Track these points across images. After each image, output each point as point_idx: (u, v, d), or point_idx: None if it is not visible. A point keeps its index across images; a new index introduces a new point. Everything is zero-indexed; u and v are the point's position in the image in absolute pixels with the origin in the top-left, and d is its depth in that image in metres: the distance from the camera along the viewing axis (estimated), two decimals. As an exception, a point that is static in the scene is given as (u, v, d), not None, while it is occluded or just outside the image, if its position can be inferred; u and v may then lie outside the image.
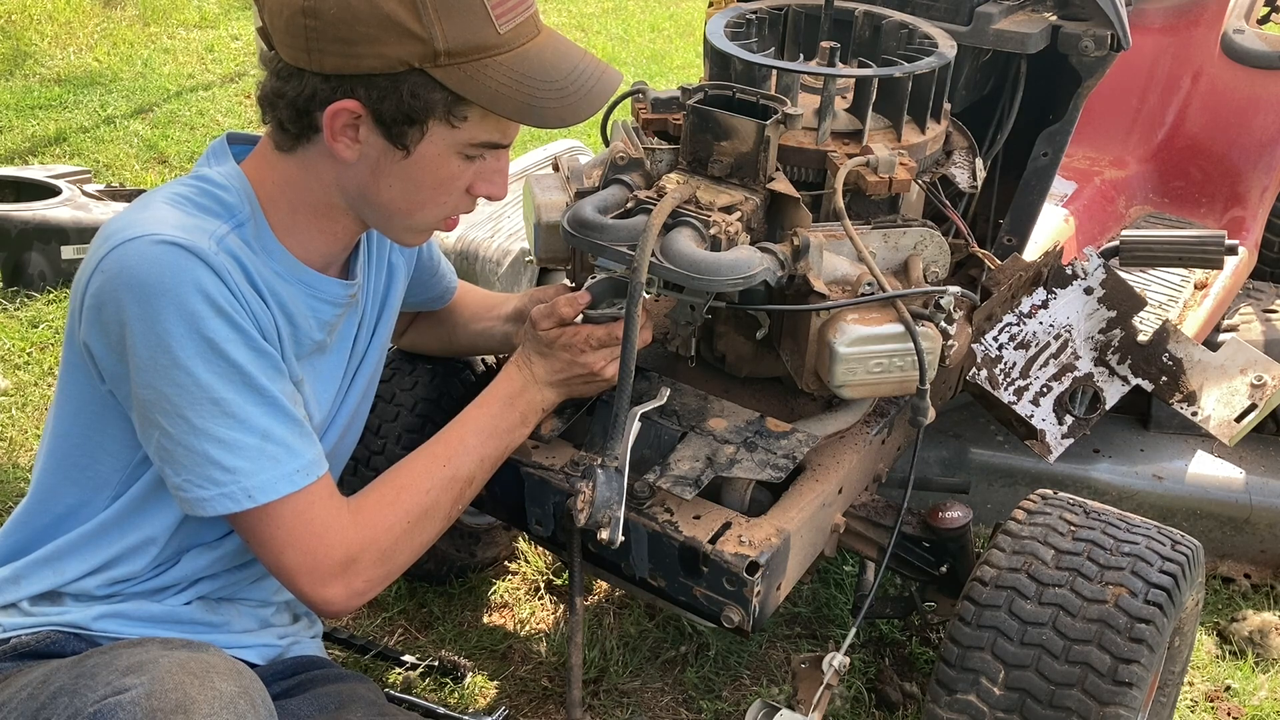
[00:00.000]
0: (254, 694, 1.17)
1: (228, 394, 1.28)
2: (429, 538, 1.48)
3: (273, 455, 1.31)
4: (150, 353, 1.25)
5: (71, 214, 3.29)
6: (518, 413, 1.56)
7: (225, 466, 1.29)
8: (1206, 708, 2.19)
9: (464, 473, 1.50)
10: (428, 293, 1.87)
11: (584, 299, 1.56)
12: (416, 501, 1.45)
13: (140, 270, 1.24)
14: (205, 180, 1.39)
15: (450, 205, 1.44)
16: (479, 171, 1.41)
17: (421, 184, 1.38)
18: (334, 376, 1.57)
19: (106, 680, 1.13)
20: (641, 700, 2.13)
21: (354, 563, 1.38)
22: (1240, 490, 2.46)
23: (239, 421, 1.29)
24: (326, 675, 1.55)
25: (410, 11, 1.25)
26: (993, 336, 1.99)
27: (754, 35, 1.91)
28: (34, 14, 5.60)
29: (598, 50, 6.30)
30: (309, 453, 1.36)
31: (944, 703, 1.56)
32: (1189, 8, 3.19)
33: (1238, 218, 3.14)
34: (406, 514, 1.43)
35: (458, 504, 1.50)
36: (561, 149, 3.42)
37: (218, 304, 1.27)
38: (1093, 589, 1.55)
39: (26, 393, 2.88)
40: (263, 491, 1.31)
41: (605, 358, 1.56)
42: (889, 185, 1.62)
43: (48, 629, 1.38)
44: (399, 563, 1.44)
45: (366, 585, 1.40)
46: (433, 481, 1.47)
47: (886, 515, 1.82)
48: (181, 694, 1.10)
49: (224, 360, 1.28)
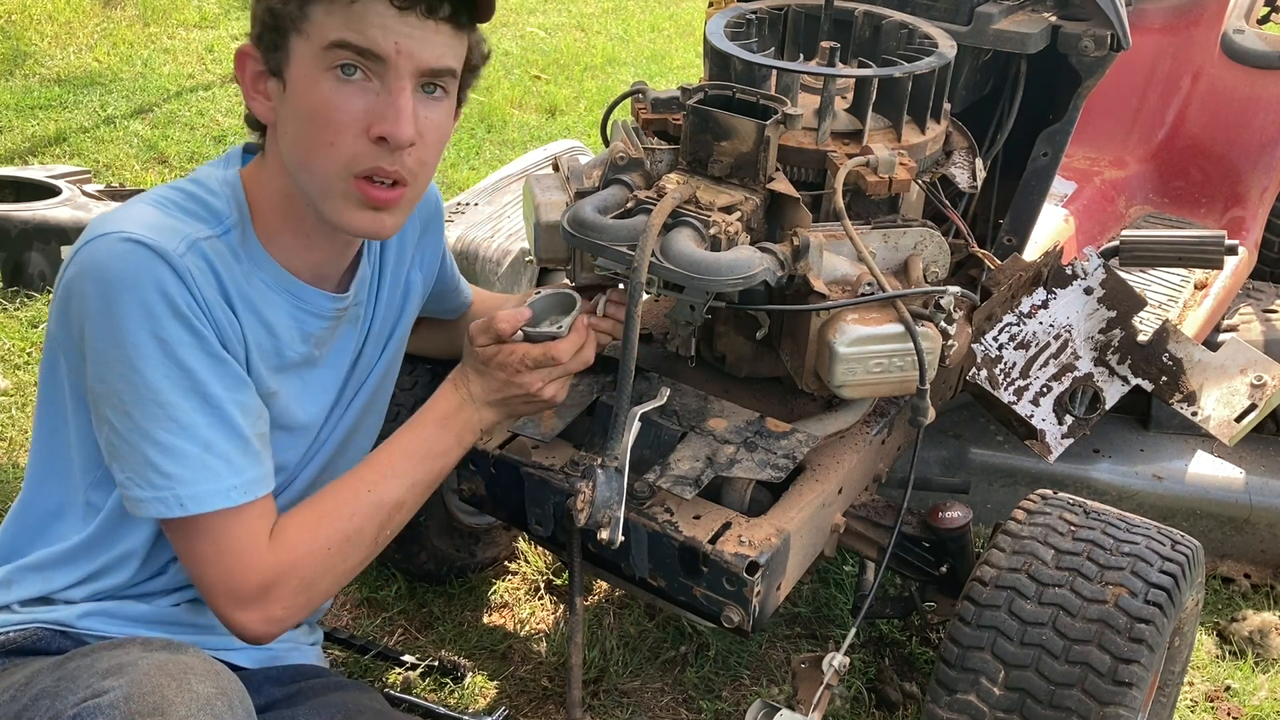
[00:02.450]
0: (232, 695, 1.16)
1: (174, 398, 1.26)
2: (354, 564, 1.41)
3: (212, 468, 1.29)
4: (105, 347, 1.25)
5: (71, 214, 3.29)
6: (452, 434, 1.49)
7: (163, 471, 1.27)
8: (1206, 708, 2.19)
9: (390, 498, 1.43)
10: (442, 305, 1.87)
11: (523, 315, 1.48)
12: (338, 528, 1.38)
13: (105, 265, 1.25)
14: (198, 184, 1.39)
15: (344, 148, 1.30)
16: (372, 108, 1.29)
17: (302, 118, 1.30)
18: (328, 390, 1.55)
19: (86, 683, 1.13)
20: (641, 700, 2.13)
21: (271, 589, 1.33)
22: (1240, 490, 2.45)
23: (182, 428, 1.27)
24: (328, 684, 1.55)
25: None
26: (993, 336, 1.99)
27: (754, 35, 1.91)
28: (34, 14, 5.60)
29: (597, 50, 6.30)
30: (251, 471, 1.33)
31: (944, 703, 1.56)
32: (1189, 8, 3.19)
33: (1238, 218, 3.14)
34: (328, 540, 1.37)
35: (385, 529, 1.44)
36: (561, 149, 3.42)
37: (176, 306, 1.26)
38: (1093, 589, 1.55)
39: (26, 393, 2.88)
40: (196, 502, 1.28)
41: (543, 378, 1.48)
42: (889, 185, 1.62)
43: (34, 626, 1.39)
44: (321, 589, 1.38)
45: (285, 613, 1.35)
46: (356, 507, 1.40)
47: (886, 515, 1.82)
48: (159, 696, 1.10)
49: (175, 363, 1.26)
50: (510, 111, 5.26)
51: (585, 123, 5.21)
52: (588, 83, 5.77)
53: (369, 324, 1.60)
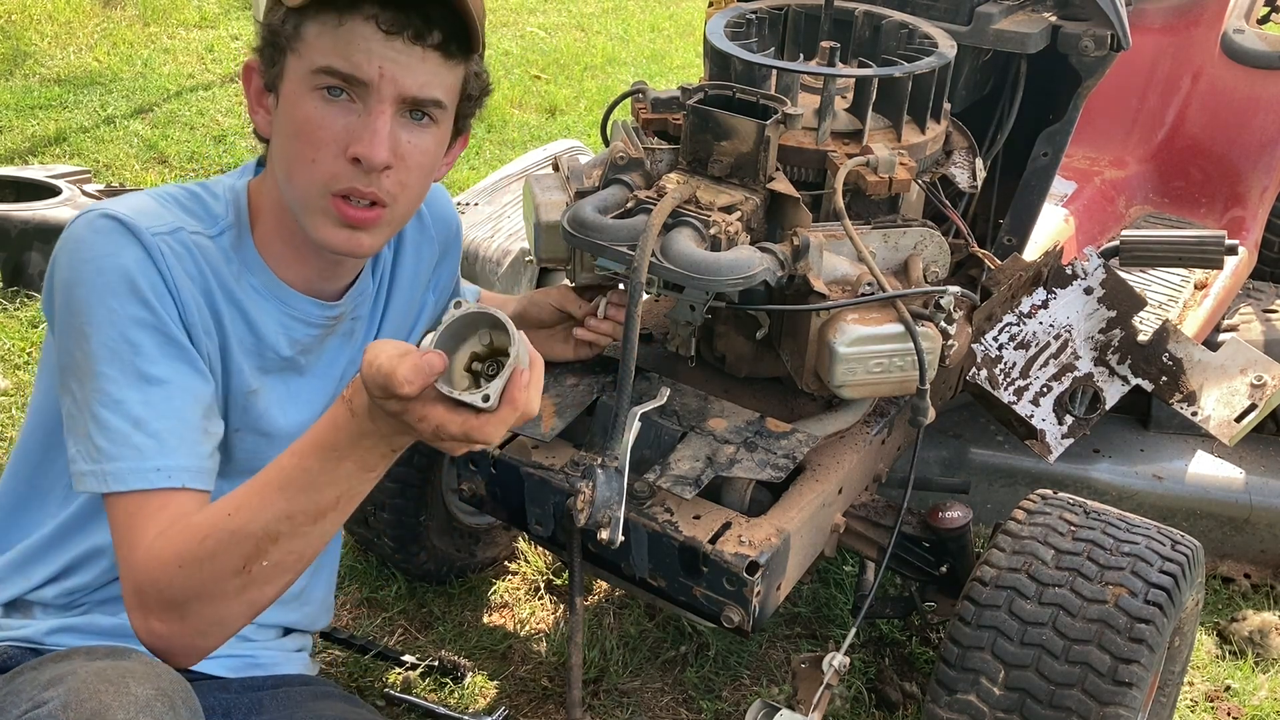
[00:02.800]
0: (174, 695, 1.14)
1: (112, 370, 1.24)
2: (222, 591, 1.20)
3: (138, 446, 1.23)
4: (65, 315, 1.27)
5: (71, 214, 3.28)
6: (349, 462, 1.18)
7: (96, 444, 1.24)
8: (1206, 708, 2.19)
9: (256, 529, 1.18)
10: None
11: (437, 366, 1.07)
12: (189, 547, 1.20)
13: (79, 237, 1.27)
14: (204, 188, 1.41)
15: (323, 166, 1.29)
16: (351, 129, 1.28)
17: (287, 133, 1.31)
18: (313, 402, 1.53)
19: (29, 695, 1.13)
20: (641, 700, 2.13)
21: (142, 595, 1.21)
22: (1240, 490, 2.46)
23: (115, 402, 1.24)
24: (314, 693, 1.55)
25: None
26: (993, 336, 1.99)
27: (754, 35, 1.91)
28: (34, 14, 5.60)
29: (597, 50, 6.30)
30: (184, 458, 1.25)
31: (944, 703, 1.56)
32: (1189, 8, 3.19)
33: (1238, 218, 3.14)
34: (178, 556, 1.20)
35: (259, 560, 1.19)
36: (561, 149, 3.42)
37: (135, 281, 1.26)
38: (1093, 589, 1.55)
39: (26, 393, 2.88)
40: (116, 479, 1.23)
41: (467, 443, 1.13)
42: (889, 185, 1.62)
43: (5, 644, 1.40)
44: (192, 611, 1.20)
45: (164, 628, 1.21)
46: (211, 529, 1.20)
47: (886, 515, 1.82)
48: (96, 702, 1.09)
49: (120, 336, 1.25)
50: (510, 111, 5.26)
51: (585, 123, 5.21)
52: (588, 83, 5.77)
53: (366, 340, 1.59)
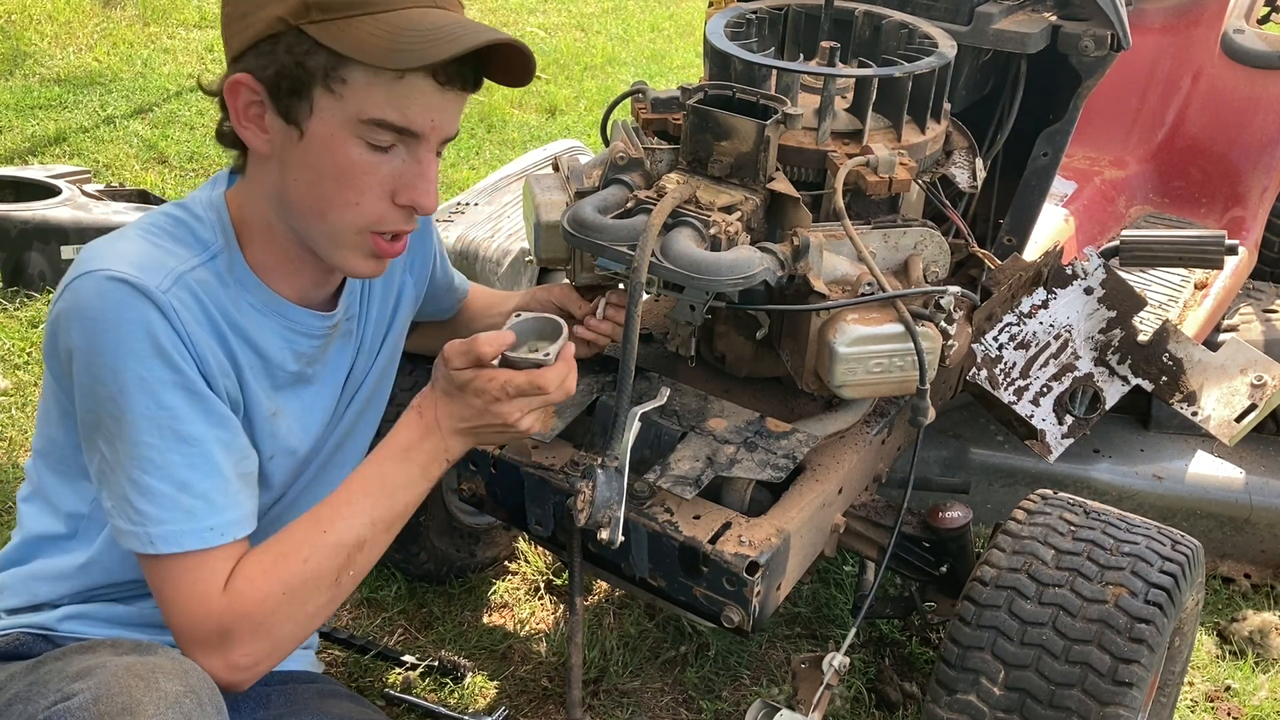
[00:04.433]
0: (201, 693, 1.16)
1: (151, 438, 1.25)
2: (316, 607, 1.33)
3: (188, 508, 1.26)
4: (90, 383, 1.26)
5: (71, 214, 3.29)
6: (416, 466, 1.38)
7: (137, 508, 1.26)
8: (1206, 708, 2.20)
9: (350, 538, 1.33)
10: (440, 303, 1.87)
11: (506, 339, 1.37)
12: (294, 571, 1.30)
13: (88, 304, 1.25)
14: (185, 210, 1.38)
15: (368, 209, 1.32)
16: (397, 173, 1.31)
17: (322, 172, 1.30)
18: (323, 407, 1.54)
19: (57, 686, 1.14)
20: (641, 700, 2.13)
21: (228, 636, 1.27)
22: (1240, 490, 2.46)
23: (157, 468, 1.26)
24: (321, 690, 1.55)
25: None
26: (993, 336, 1.99)
27: (754, 35, 1.91)
28: (34, 14, 5.60)
29: (597, 50, 6.30)
30: (230, 512, 1.30)
31: (944, 703, 1.56)
32: (1189, 8, 3.19)
33: (1238, 218, 3.14)
34: (283, 584, 1.29)
35: (348, 569, 1.35)
36: (561, 149, 3.42)
37: (159, 343, 1.25)
38: (1093, 589, 1.55)
39: (26, 393, 2.88)
40: (165, 541, 1.26)
41: (522, 409, 1.37)
42: (889, 185, 1.62)
43: (15, 631, 1.40)
44: (284, 634, 1.31)
45: (248, 660, 1.29)
46: (312, 549, 1.32)
47: (886, 515, 1.82)
48: (128, 696, 1.10)
49: (154, 402, 1.25)
50: (510, 111, 5.26)
51: (585, 123, 5.21)
52: (588, 83, 5.77)
53: (360, 339, 1.59)
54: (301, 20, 1.23)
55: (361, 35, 1.23)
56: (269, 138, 1.31)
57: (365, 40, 1.23)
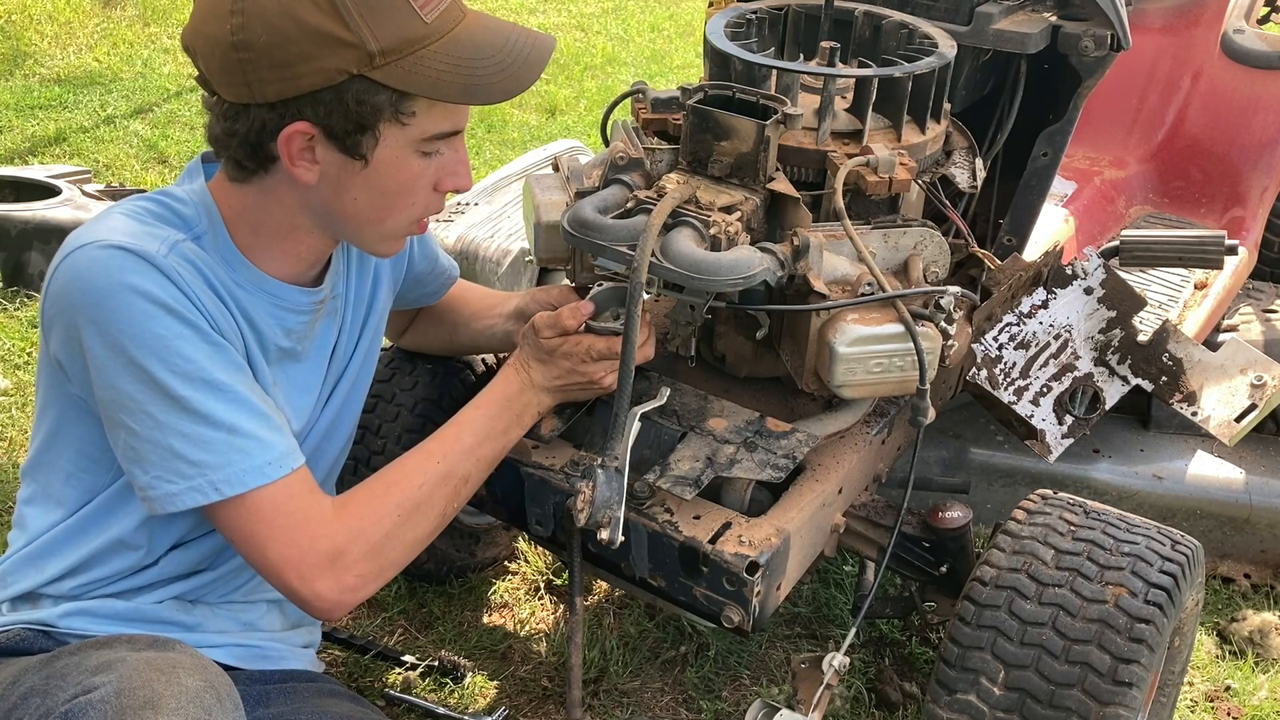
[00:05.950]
0: (220, 688, 1.17)
1: (186, 391, 1.27)
2: (422, 534, 1.45)
3: (241, 448, 1.30)
4: (107, 354, 1.26)
5: (71, 214, 3.29)
6: (513, 414, 1.56)
7: (191, 460, 1.28)
8: (1206, 708, 2.20)
9: (459, 471, 1.48)
10: (425, 287, 1.87)
11: (587, 309, 1.58)
12: (408, 495, 1.42)
13: (88, 275, 1.26)
14: (167, 195, 1.40)
15: (420, 206, 1.44)
16: (441, 166, 1.41)
17: (386, 190, 1.38)
18: (311, 384, 1.56)
19: (76, 680, 1.14)
20: (641, 700, 2.13)
21: (342, 555, 1.35)
22: (1240, 490, 2.46)
23: (202, 417, 1.28)
24: (320, 689, 1.55)
25: (336, 20, 1.25)
26: (993, 336, 1.99)
27: (754, 35, 1.91)
28: (34, 14, 5.60)
29: (597, 50, 6.30)
30: (280, 445, 1.34)
31: (944, 703, 1.56)
32: (1189, 8, 3.19)
33: (1238, 218, 3.14)
34: (397, 507, 1.41)
35: (453, 501, 1.48)
36: (561, 149, 3.42)
37: (166, 303, 1.27)
38: (1093, 589, 1.55)
39: (26, 393, 2.88)
40: (229, 484, 1.29)
41: (605, 369, 1.57)
42: (889, 185, 1.62)
43: (18, 627, 1.40)
44: (391, 559, 1.41)
45: (358, 580, 1.37)
46: (425, 477, 1.45)
47: (886, 515, 1.82)
48: (149, 691, 1.11)
49: (179, 356, 1.27)
50: (510, 111, 5.26)
51: (585, 123, 5.21)
52: (588, 83, 5.77)
53: (343, 316, 1.61)
54: (365, 69, 1.27)
55: (431, 75, 1.30)
56: (321, 168, 1.35)
57: (438, 79, 1.30)
